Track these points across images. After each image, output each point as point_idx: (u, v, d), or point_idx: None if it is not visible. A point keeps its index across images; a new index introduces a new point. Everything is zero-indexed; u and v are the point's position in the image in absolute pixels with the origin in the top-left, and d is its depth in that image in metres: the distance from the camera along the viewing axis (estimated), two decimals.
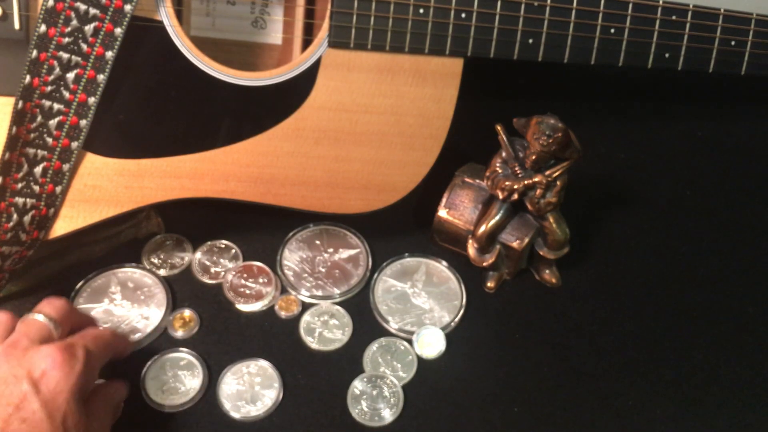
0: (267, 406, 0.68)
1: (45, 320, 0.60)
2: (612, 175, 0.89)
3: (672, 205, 0.86)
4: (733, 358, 0.73)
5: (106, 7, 0.65)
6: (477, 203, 0.76)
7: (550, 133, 0.68)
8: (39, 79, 0.65)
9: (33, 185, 0.67)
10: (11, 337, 0.58)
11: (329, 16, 0.69)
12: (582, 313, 0.76)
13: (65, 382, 0.55)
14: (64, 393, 0.54)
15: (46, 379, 0.54)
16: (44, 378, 0.54)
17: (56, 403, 0.54)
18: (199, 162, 0.71)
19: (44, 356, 0.55)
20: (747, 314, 0.76)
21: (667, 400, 0.70)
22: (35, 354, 0.56)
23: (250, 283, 0.76)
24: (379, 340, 0.72)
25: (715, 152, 0.93)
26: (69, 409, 0.54)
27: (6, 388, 0.54)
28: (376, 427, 0.67)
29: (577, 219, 0.77)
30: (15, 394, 0.53)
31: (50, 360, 0.55)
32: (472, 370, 0.71)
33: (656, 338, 0.74)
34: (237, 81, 0.70)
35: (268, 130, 0.71)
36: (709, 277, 0.79)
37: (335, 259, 0.78)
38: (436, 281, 0.77)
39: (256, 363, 0.70)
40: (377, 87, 0.72)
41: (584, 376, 0.71)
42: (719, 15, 0.77)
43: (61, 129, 0.67)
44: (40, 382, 0.54)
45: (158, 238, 0.79)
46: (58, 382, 0.55)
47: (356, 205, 0.75)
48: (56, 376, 0.55)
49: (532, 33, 0.73)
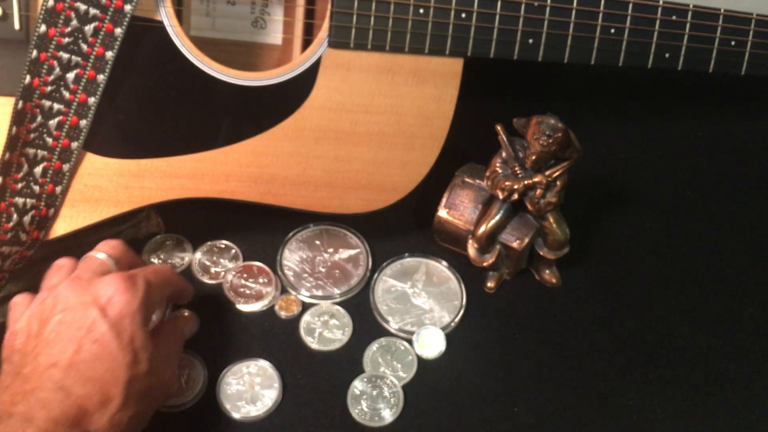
0: (267, 406, 0.68)
1: (104, 257, 0.64)
2: (612, 175, 0.89)
3: (672, 205, 0.86)
4: (733, 358, 0.73)
5: (106, 7, 0.65)
6: (477, 203, 0.76)
7: (550, 133, 0.68)
8: (39, 79, 0.65)
9: (33, 185, 0.67)
10: (75, 272, 0.63)
11: (329, 16, 0.69)
12: (582, 313, 0.76)
13: (129, 307, 0.59)
14: (128, 317, 0.58)
15: (112, 304, 0.58)
16: (110, 303, 0.58)
17: (122, 326, 0.58)
18: (199, 162, 0.71)
19: (108, 284, 0.59)
20: (747, 314, 0.76)
21: (667, 400, 0.70)
22: (99, 283, 0.60)
23: (250, 283, 0.76)
24: (379, 340, 0.72)
25: (715, 152, 0.93)
26: (134, 331, 0.58)
27: (76, 314, 0.58)
28: (376, 427, 0.67)
29: (577, 219, 0.77)
30: (85, 319, 0.57)
31: (114, 287, 0.59)
32: (472, 370, 0.71)
33: (656, 338, 0.74)
34: (237, 81, 0.70)
35: (268, 130, 0.71)
36: (709, 277, 0.79)
37: (335, 259, 0.78)
38: (436, 281, 0.77)
39: (256, 363, 0.70)
40: (377, 87, 0.72)
41: (584, 376, 0.71)
42: (719, 15, 0.77)
43: (61, 129, 0.67)
44: (106, 307, 0.58)
45: (158, 238, 0.79)
46: (123, 307, 0.59)
47: (356, 205, 0.75)
48: (120, 301, 0.59)
49: (532, 33, 0.73)
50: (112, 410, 0.56)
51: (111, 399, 0.56)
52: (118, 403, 0.56)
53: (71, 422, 0.54)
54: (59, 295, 0.60)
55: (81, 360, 0.56)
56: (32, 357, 0.57)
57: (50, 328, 0.58)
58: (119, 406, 0.56)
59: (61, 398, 0.54)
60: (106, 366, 0.56)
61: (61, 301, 0.59)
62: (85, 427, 0.55)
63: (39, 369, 0.56)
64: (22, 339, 0.58)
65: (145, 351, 0.59)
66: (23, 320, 0.59)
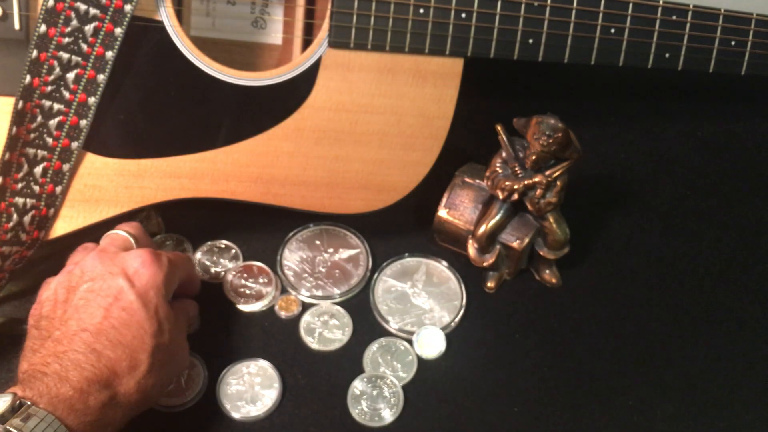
0: (267, 406, 0.68)
1: (126, 234, 0.67)
2: (612, 175, 0.89)
3: (672, 205, 0.86)
4: (733, 358, 0.73)
5: (106, 7, 0.65)
6: (477, 203, 0.76)
7: (550, 133, 0.68)
8: (39, 79, 0.65)
9: (33, 185, 0.67)
10: (100, 246, 0.66)
11: (329, 16, 0.69)
12: (582, 313, 0.76)
13: (154, 279, 0.61)
14: (154, 288, 0.61)
15: (138, 275, 0.61)
16: (137, 274, 0.61)
17: (148, 296, 0.60)
18: (199, 162, 0.71)
19: (135, 257, 0.62)
20: (747, 314, 0.76)
21: (667, 400, 0.70)
22: (127, 255, 0.62)
23: (250, 283, 0.76)
24: (379, 340, 0.72)
25: (715, 152, 0.93)
26: (159, 302, 0.61)
27: (104, 283, 0.60)
28: (376, 427, 0.67)
29: (577, 219, 0.77)
30: (113, 287, 0.60)
31: (140, 260, 0.62)
32: (472, 370, 0.71)
33: (656, 338, 0.74)
34: (237, 81, 0.70)
35: (268, 130, 0.71)
36: (709, 277, 0.79)
37: (335, 259, 0.78)
38: (436, 281, 0.77)
39: (256, 363, 0.70)
40: (377, 87, 0.72)
41: (584, 376, 0.71)
42: (719, 15, 0.77)
43: (61, 129, 0.67)
44: (133, 277, 0.61)
45: (158, 238, 0.79)
46: (149, 279, 0.61)
47: (356, 205, 0.75)
48: (147, 273, 0.61)
49: (532, 33, 0.73)
50: (140, 375, 0.58)
51: (139, 364, 0.58)
52: (145, 369, 0.58)
53: (103, 383, 0.56)
54: (86, 265, 0.62)
55: (110, 326, 0.58)
56: (61, 322, 0.58)
57: (79, 295, 0.60)
58: (146, 371, 0.58)
59: (94, 360, 0.56)
60: (134, 332, 0.58)
61: (89, 271, 0.61)
62: (115, 389, 0.57)
63: (69, 333, 0.57)
64: (50, 306, 0.60)
65: (168, 322, 0.61)
66: (50, 289, 0.61)
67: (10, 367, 0.69)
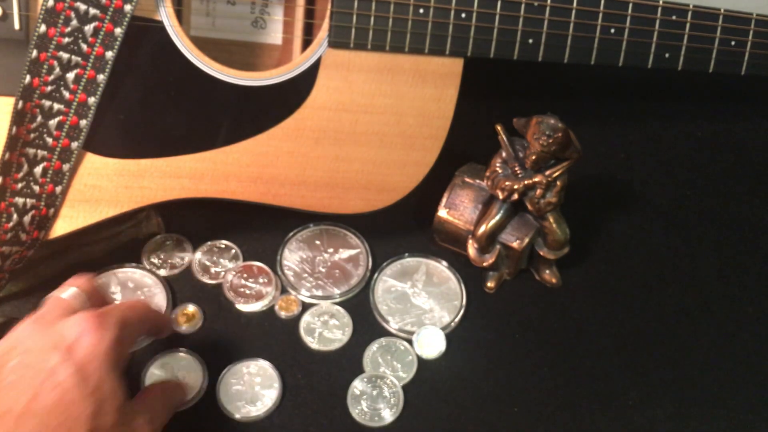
0: (267, 406, 0.68)
1: (74, 292, 0.59)
2: (612, 175, 0.89)
3: (672, 205, 0.86)
4: (733, 358, 0.73)
5: (106, 7, 0.65)
6: (477, 203, 0.76)
7: (550, 133, 0.68)
8: (39, 79, 0.65)
9: (33, 185, 0.67)
10: (39, 311, 0.57)
11: (329, 16, 0.69)
12: (582, 313, 0.76)
13: (97, 349, 0.53)
14: (96, 360, 0.53)
15: (78, 345, 0.53)
16: (75, 345, 0.53)
17: (88, 370, 0.53)
18: (199, 162, 0.71)
19: (74, 324, 0.54)
20: (746, 314, 0.76)
21: (667, 400, 0.70)
22: (65, 323, 0.55)
23: (250, 283, 0.76)
24: (379, 340, 0.72)
25: (715, 152, 0.93)
26: (101, 377, 0.53)
27: (35, 357, 0.53)
28: (376, 427, 0.67)
29: (577, 219, 0.77)
30: (45, 362, 0.52)
31: (81, 327, 0.54)
32: (472, 370, 0.71)
33: (656, 338, 0.74)
34: (237, 81, 0.70)
35: (268, 130, 0.71)
36: (709, 277, 0.79)
37: (335, 259, 0.78)
38: (436, 281, 0.77)
39: (256, 363, 0.70)
40: (377, 87, 0.72)
41: (584, 376, 0.71)
42: (719, 15, 0.77)
43: (61, 129, 0.67)
44: (71, 349, 0.53)
45: (158, 238, 0.79)
46: (90, 349, 0.53)
47: (356, 205, 0.75)
48: (88, 342, 0.53)
49: (532, 33, 0.73)
50: None
51: None
52: None
53: None
54: (18, 336, 0.55)
55: (37, 408, 0.51)
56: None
57: (6, 373, 0.52)
58: None
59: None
60: (64, 416, 0.51)
61: (21, 343, 0.54)
62: None
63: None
64: None
65: (113, 400, 0.53)
66: None
67: None
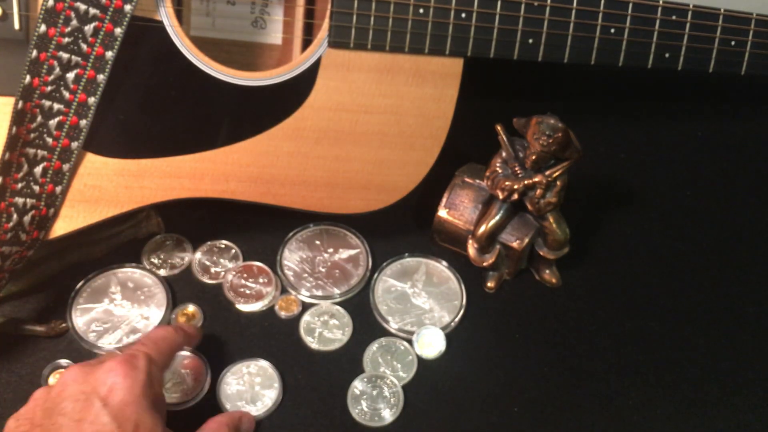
0: (267, 406, 0.68)
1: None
2: (612, 175, 0.89)
3: (672, 205, 0.86)
4: (733, 358, 0.73)
5: (106, 7, 0.65)
6: (477, 203, 0.76)
7: (550, 133, 0.68)
8: (39, 79, 0.65)
9: (33, 185, 0.67)
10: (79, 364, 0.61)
11: (329, 16, 0.69)
12: (582, 313, 0.76)
13: (131, 393, 0.57)
14: (132, 404, 0.56)
15: (113, 392, 0.56)
16: (111, 391, 0.56)
17: (125, 414, 0.56)
18: (199, 162, 0.71)
19: (107, 371, 0.57)
20: (747, 314, 0.76)
21: (667, 400, 0.70)
22: (100, 370, 0.58)
23: (250, 283, 0.76)
24: (379, 340, 0.72)
25: (715, 152, 0.93)
26: (139, 419, 0.56)
27: (76, 405, 0.56)
28: (376, 427, 0.67)
29: (577, 219, 0.77)
30: (86, 410, 0.55)
31: (114, 373, 0.57)
32: (472, 370, 0.71)
33: (656, 338, 0.74)
34: (237, 81, 0.70)
35: (268, 130, 0.71)
36: (709, 277, 0.79)
37: (335, 259, 0.78)
38: (436, 281, 0.77)
39: (256, 363, 0.70)
40: (377, 87, 0.72)
41: (584, 376, 0.71)
42: (719, 15, 0.77)
43: (61, 129, 0.67)
44: (108, 396, 0.56)
45: (158, 238, 0.79)
46: (125, 394, 0.56)
47: (356, 205, 0.75)
48: (122, 388, 0.56)
49: (532, 33, 0.73)
50: None
51: None
52: None
53: None
54: (65, 382, 0.58)
55: None
56: None
57: (53, 419, 0.56)
58: None
59: None
60: None
61: (65, 390, 0.57)
62: None
63: None
64: (25, 428, 0.56)
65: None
66: (29, 406, 0.58)
67: (10, 367, 0.69)
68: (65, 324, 0.72)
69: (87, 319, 0.73)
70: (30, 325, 0.71)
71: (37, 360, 0.70)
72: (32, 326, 0.71)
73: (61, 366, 0.69)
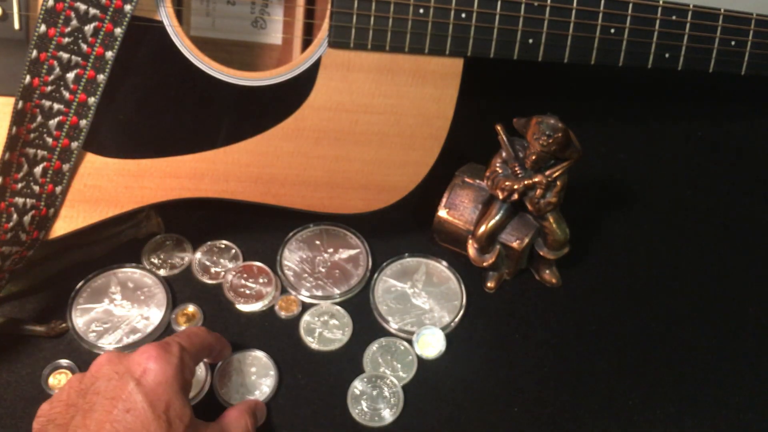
0: (265, 393, 0.68)
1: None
2: (612, 175, 0.89)
3: (672, 205, 0.86)
4: (733, 358, 0.73)
5: (106, 7, 0.65)
6: (477, 203, 0.76)
7: (550, 133, 0.68)
8: (39, 79, 0.65)
9: (33, 185, 0.67)
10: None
11: (329, 16, 0.69)
12: (582, 313, 0.76)
13: (163, 374, 0.58)
14: (163, 384, 0.58)
15: (146, 373, 0.58)
16: (144, 373, 0.58)
17: (157, 394, 0.57)
18: (199, 162, 0.71)
19: (142, 353, 0.59)
20: (747, 314, 0.76)
21: (667, 400, 0.70)
22: (134, 354, 0.60)
23: (250, 283, 0.76)
24: (379, 340, 0.72)
25: (715, 152, 0.93)
26: (170, 400, 0.58)
27: (110, 383, 0.58)
28: (376, 427, 0.67)
29: (577, 219, 0.77)
30: (120, 389, 0.57)
31: (147, 356, 0.59)
32: (472, 370, 0.71)
33: (656, 338, 0.74)
34: (237, 81, 0.70)
35: (268, 130, 0.71)
36: (709, 277, 0.79)
37: (335, 259, 0.78)
38: (436, 281, 0.77)
39: (251, 354, 0.70)
40: (377, 87, 0.72)
41: (584, 376, 0.71)
42: (719, 15, 0.77)
43: (61, 129, 0.67)
44: (141, 377, 0.58)
45: (158, 238, 0.79)
46: (157, 375, 0.58)
47: (356, 205, 0.75)
48: (155, 370, 0.58)
49: (532, 33, 0.73)
50: None
51: None
52: None
53: None
54: (100, 363, 0.60)
55: (119, 428, 0.55)
56: (67, 428, 0.57)
57: (87, 398, 0.58)
58: None
59: None
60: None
61: (98, 373, 0.59)
62: None
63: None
64: (59, 409, 0.58)
65: (182, 419, 0.58)
66: (63, 390, 0.60)
67: (10, 367, 0.69)
68: (65, 324, 0.72)
69: (87, 319, 0.73)
70: (30, 325, 0.71)
71: (37, 360, 0.70)
72: (32, 326, 0.71)
73: (61, 366, 0.69)
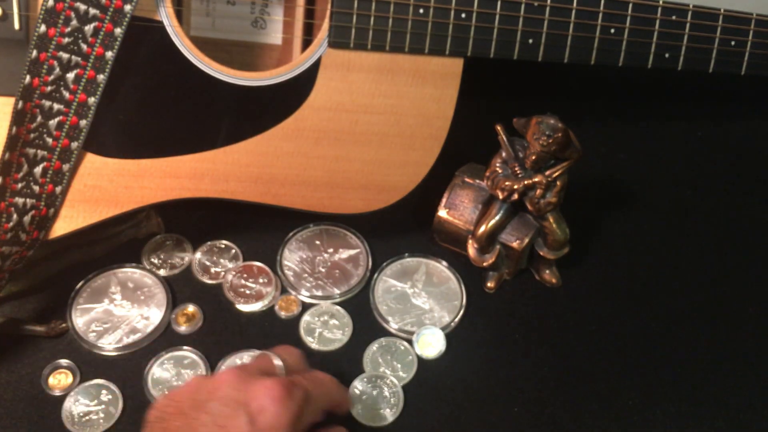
0: None
1: (278, 362, 0.61)
2: (612, 175, 0.89)
3: (672, 205, 0.86)
4: (733, 358, 0.73)
5: (106, 7, 0.65)
6: (477, 203, 0.76)
7: (550, 133, 0.68)
8: (39, 79, 0.65)
9: (33, 185, 0.67)
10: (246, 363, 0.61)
11: (329, 16, 0.69)
12: (582, 313, 0.76)
13: (278, 420, 0.55)
14: (275, 430, 0.55)
15: (263, 413, 0.55)
16: (261, 412, 0.55)
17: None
18: (199, 162, 0.71)
19: (266, 390, 0.56)
20: (747, 314, 0.76)
21: (667, 400, 0.70)
22: (258, 385, 0.56)
23: (250, 283, 0.76)
24: (379, 340, 0.72)
25: (715, 152, 0.93)
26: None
27: (223, 409, 0.55)
28: (376, 427, 0.67)
29: (577, 219, 0.77)
30: (230, 419, 0.54)
31: (270, 394, 0.56)
32: (472, 370, 0.71)
33: (656, 338, 0.74)
34: (237, 81, 0.70)
35: (268, 130, 0.71)
36: (709, 277, 0.79)
37: (335, 259, 0.78)
38: (436, 281, 0.77)
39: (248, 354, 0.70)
40: (377, 87, 0.72)
41: (584, 376, 0.71)
42: (719, 15, 0.77)
43: (61, 129, 0.67)
44: (257, 414, 0.55)
45: (158, 238, 0.79)
46: (272, 418, 0.55)
47: (356, 205, 0.75)
48: (273, 412, 0.55)
49: (532, 33, 0.73)
50: None
51: None
52: None
53: None
54: (221, 381, 0.57)
55: None
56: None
57: (197, 413, 0.55)
58: None
59: None
60: None
61: (219, 390, 0.56)
62: None
63: None
64: (173, 410, 0.56)
65: None
66: (182, 390, 0.57)
67: (10, 367, 0.69)
68: (65, 324, 0.72)
69: (87, 319, 0.73)
70: (30, 325, 0.71)
71: (37, 360, 0.70)
72: (32, 326, 0.71)
73: (61, 366, 0.69)
